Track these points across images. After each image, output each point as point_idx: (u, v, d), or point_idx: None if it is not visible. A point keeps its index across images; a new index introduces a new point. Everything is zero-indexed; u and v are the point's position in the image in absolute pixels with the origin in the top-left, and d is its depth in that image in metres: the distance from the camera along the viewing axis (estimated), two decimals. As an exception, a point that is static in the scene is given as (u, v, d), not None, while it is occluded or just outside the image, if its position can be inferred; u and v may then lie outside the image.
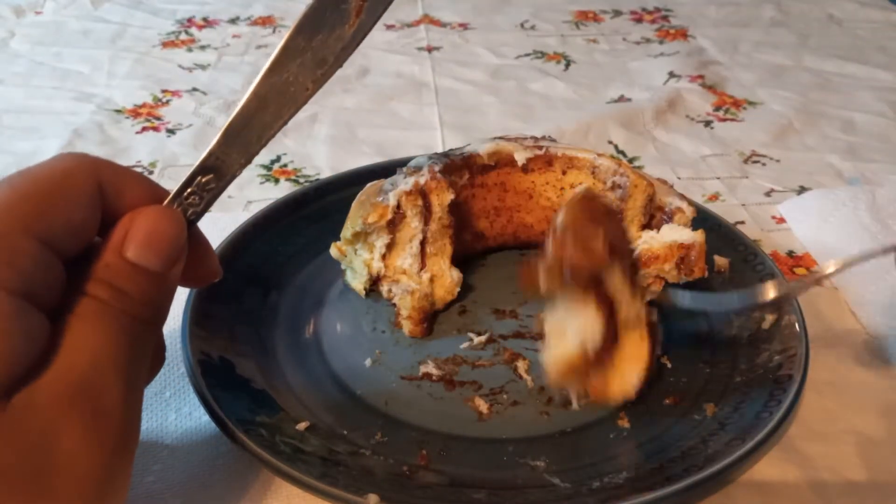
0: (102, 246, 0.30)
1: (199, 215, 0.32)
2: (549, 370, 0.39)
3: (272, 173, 0.65)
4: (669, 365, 0.44)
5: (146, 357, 0.31)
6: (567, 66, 0.86)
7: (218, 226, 0.55)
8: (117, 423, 0.28)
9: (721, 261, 0.48)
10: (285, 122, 0.33)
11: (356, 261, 0.47)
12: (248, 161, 0.33)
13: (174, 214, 0.31)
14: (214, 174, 0.32)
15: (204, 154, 0.32)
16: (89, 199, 0.29)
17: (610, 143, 0.70)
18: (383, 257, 0.47)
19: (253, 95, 0.32)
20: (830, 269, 0.40)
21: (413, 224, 0.46)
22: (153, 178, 0.63)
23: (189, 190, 0.32)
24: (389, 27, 0.96)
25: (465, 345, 0.46)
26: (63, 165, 0.29)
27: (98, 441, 0.27)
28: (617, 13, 1.01)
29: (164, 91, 0.79)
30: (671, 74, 0.83)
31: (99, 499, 0.27)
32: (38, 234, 0.27)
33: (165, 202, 0.32)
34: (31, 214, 0.27)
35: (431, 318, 0.47)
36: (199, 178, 0.32)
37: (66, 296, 0.28)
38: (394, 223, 0.46)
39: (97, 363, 0.27)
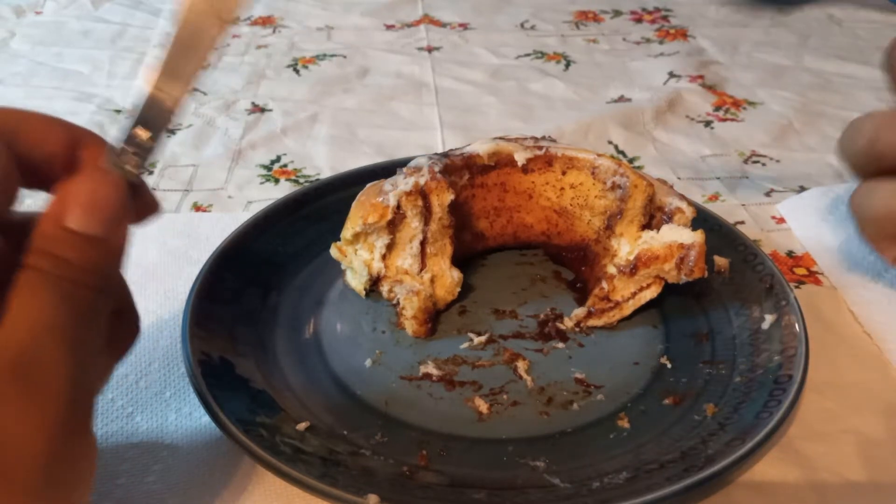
0: (41, 216, 0.28)
1: (139, 173, 0.31)
2: None
3: (272, 173, 0.65)
4: (669, 365, 0.44)
5: (96, 326, 0.29)
6: (567, 66, 0.86)
7: (218, 226, 0.55)
8: (60, 395, 0.26)
9: (721, 261, 0.48)
10: (213, 45, 0.31)
11: (356, 261, 0.48)
12: (178, 105, 0.31)
13: (111, 176, 0.29)
14: (149, 126, 0.30)
15: (138, 109, 0.30)
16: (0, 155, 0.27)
17: (610, 143, 0.70)
18: (383, 257, 0.47)
19: (175, 40, 0.30)
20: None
21: (413, 224, 0.46)
22: (153, 178, 0.64)
23: (125, 146, 0.30)
24: (389, 27, 0.96)
25: (465, 345, 0.46)
26: None
27: (39, 418, 0.25)
28: (617, 13, 1.01)
29: (164, 91, 0.79)
30: (671, 74, 0.83)
31: (48, 486, 0.25)
32: None
33: (104, 161, 0.30)
34: None
35: (435, 318, 0.47)
36: (134, 133, 0.30)
37: (9, 274, 0.27)
38: (394, 223, 0.46)
39: (36, 335, 0.26)
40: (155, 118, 0.31)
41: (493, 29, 0.96)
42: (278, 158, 0.67)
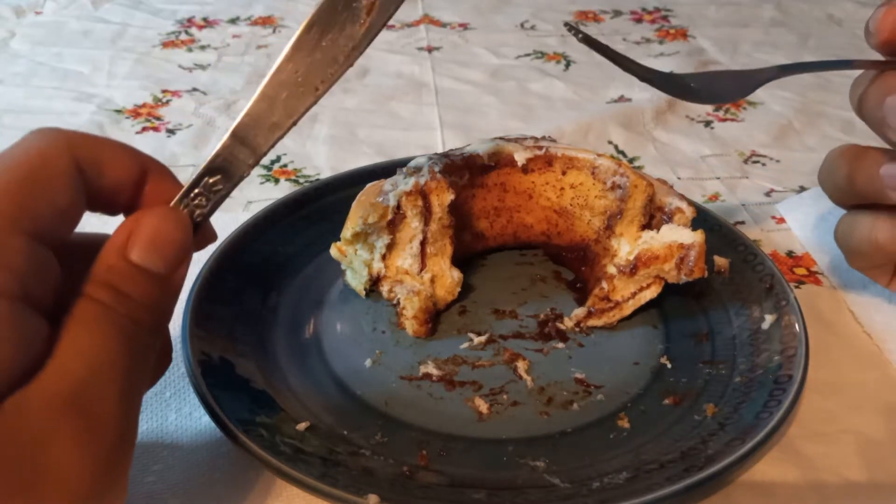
0: (104, 247, 0.29)
1: (206, 216, 0.32)
2: None
3: (272, 173, 0.65)
4: (669, 365, 0.44)
5: (147, 363, 0.29)
6: (567, 66, 0.86)
7: (218, 226, 0.55)
8: (112, 433, 0.26)
9: (721, 261, 0.48)
10: (295, 123, 0.32)
11: (356, 261, 0.48)
12: (257, 162, 0.32)
13: (180, 216, 0.30)
14: (222, 175, 0.32)
15: (211, 154, 0.32)
16: (71, 179, 0.28)
17: (610, 143, 0.70)
18: (383, 258, 0.47)
19: (262, 95, 0.31)
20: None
21: (413, 224, 0.46)
22: (153, 178, 0.64)
23: (196, 191, 0.31)
24: (389, 27, 0.96)
25: (465, 345, 0.46)
26: (37, 147, 0.28)
27: (91, 451, 0.26)
28: (617, 13, 1.01)
29: (164, 91, 0.79)
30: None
31: None
32: (26, 229, 0.26)
33: (172, 203, 0.31)
34: (16, 208, 0.26)
35: (435, 318, 0.47)
36: (206, 178, 0.32)
37: (64, 297, 0.27)
38: (394, 223, 0.46)
39: (94, 370, 0.26)
40: (228, 169, 0.32)
41: (493, 29, 0.96)
42: (278, 158, 0.67)
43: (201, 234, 0.32)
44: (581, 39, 0.39)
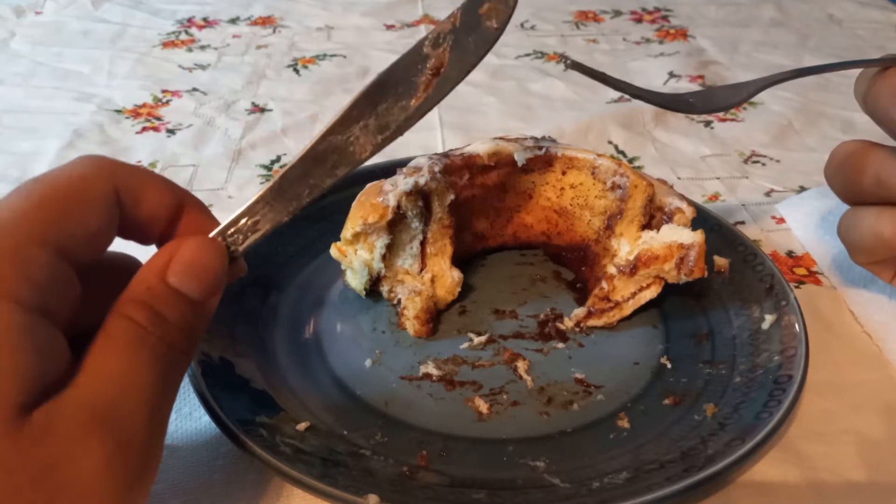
0: (142, 268, 0.29)
1: (238, 253, 0.33)
2: None
3: (272, 173, 0.65)
4: (669, 365, 0.44)
5: (176, 386, 0.30)
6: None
7: (218, 226, 0.55)
8: (138, 454, 0.26)
9: (721, 261, 0.48)
10: (338, 180, 0.33)
11: (356, 261, 0.47)
12: (296, 212, 0.33)
13: (218, 246, 0.31)
14: (261, 219, 0.33)
15: (253, 198, 0.32)
16: (106, 206, 0.29)
17: (610, 143, 0.70)
18: (383, 258, 0.47)
19: (311, 150, 0.32)
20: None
21: (413, 224, 0.46)
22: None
23: (233, 229, 0.32)
24: (389, 27, 0.96)
25: (465, 345, 0.46)
26: (80, 171, 0.28)
27: (117, 471, 0.25)
28: (617, 13, 1.01)
29: (164, 91, 0.79)
30: (671, 74, 0.83)
31: None
32: (53, 244, 0.26)
33: (212, 234, 0.32)
34: (46, 223, 0.26)
35: (436, 318, 0.47)
36: (244, 219, 0.32)
37: (80, 316, 0.27)
38: (394, 223, 0.46)
39: (126, 389, 0.26)
40: (267, 215, 0.32)
41: (493, 29, 0.96)
42: (278, 158, 0.67)
43: (234, 267, 0.33)
44: (570, 66, 0.39)
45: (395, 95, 0.33)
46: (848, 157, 0.43)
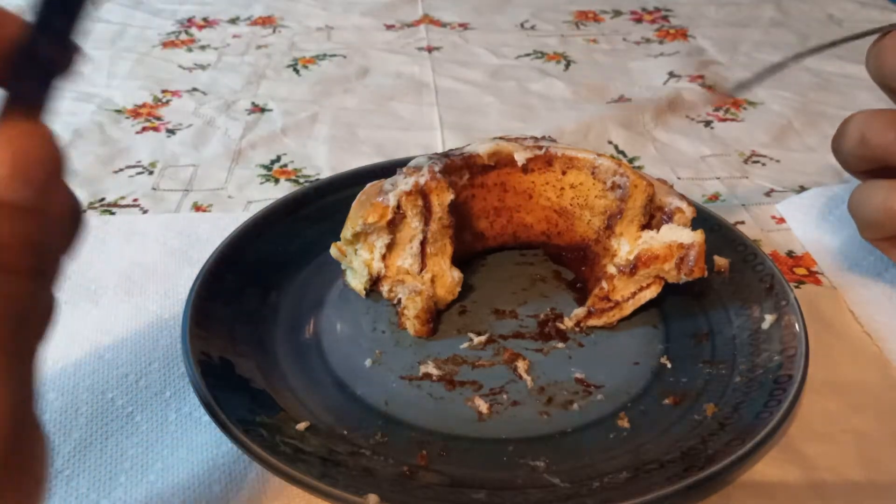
0: None
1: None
2: None
3: (272, 173, 0.65)
4: (669, 365, 0.44)
5: (32, 315, 0.23)
6: (567, 66, 0.86)
7: (218, 226, 0.55)
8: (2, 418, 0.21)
9: (721, 261, 0.48)
10: None
11: (356, 261, 0.48)
12: None
13: (44, 131, 0.23)
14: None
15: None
16: None
17: (610, 143, 0.70)
18: (383, 257, 0.47)
19: None
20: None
21: (413, 224, 0.46)
22: (153, 178, 0.63)
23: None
24: (389, 27, 0.96)
25: (465, 345, 0.46)
26: None
27: None
28: (617, 13, 1.01)
29: (164, 91, 0.79)
30: (671, 74, 0.83)
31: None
32: None
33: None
34: None
35: (436, 317, 0.47)
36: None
37: None
38: (394, 223, 0.46)
39: None
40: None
41: (493, 29, 0.96)
42: (278, 158, 0.67)
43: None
44: (737, 90, 0.40)
45: None
46: (854, 123, 0.44)
